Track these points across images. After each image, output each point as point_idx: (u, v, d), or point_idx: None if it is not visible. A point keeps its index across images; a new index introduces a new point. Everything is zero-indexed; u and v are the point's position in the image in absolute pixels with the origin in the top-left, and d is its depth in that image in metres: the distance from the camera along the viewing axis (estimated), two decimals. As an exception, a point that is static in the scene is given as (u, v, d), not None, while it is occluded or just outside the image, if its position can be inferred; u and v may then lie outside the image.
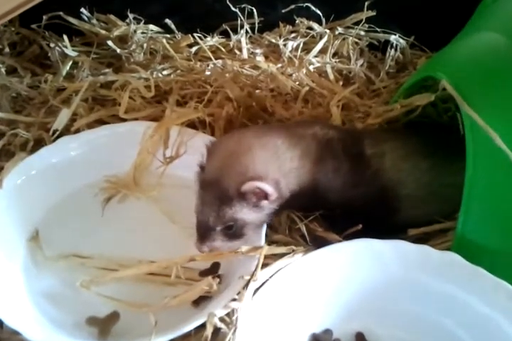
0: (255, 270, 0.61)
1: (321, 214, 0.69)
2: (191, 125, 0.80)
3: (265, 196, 0.61)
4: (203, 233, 0.63)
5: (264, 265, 0.62)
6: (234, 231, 0.63)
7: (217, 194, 0.61)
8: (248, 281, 0.60)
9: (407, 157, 0.68)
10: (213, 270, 0.68)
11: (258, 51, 0.98)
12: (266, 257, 0.62)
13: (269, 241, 0.67)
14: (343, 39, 0.99)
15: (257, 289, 0.60)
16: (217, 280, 0.63)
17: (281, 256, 0.64)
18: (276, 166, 0.62)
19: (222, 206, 0.61)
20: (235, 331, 0.56)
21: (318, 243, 0.66)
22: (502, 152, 0.56)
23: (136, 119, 0.81)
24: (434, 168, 0.68)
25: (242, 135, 0.66)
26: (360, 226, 0.65)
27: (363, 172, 0.66)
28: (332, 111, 0.80)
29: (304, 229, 0.68)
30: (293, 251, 0.64)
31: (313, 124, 0.69)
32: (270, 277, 0.61)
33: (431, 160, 0.68)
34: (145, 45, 0.97)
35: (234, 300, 0.59)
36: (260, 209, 0.62)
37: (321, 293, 0.63)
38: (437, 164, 0.68)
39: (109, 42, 0.96)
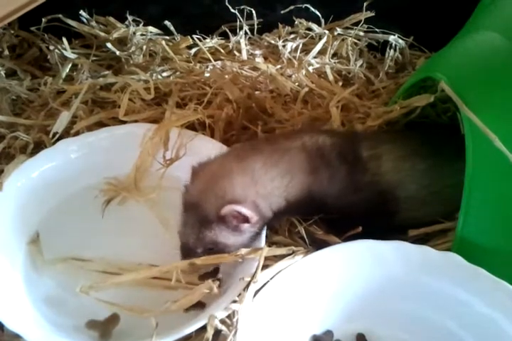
0: (256, 271, 0.60)
1: (320, 218, 0.69)
2: (191, 127, 0.80)
3: (245, 219, 0.61)
4: (185, 254, 0.63)
5: (265, 266, 0.62)
6: (215, 252, 0.62)
7: (198, 217, 0.62)
8: (249, 283, 0.60)
9: (406, 158, 0.68)
10: (213, 273, 0.68)
11: (257, 52, 0.99)
12: (266, 258, 0.62)
13: (269, 243, 0.67)
14: (342, 40, 0.99)
15: (258, 291, 0.60)
16: (218, 283, 0.63)
17: (282, 257, 0.63)
18: (254, 189, 0.62)
19: (202, 229, 0.62)
20: (235, 333, 0.55)
21: (318, 245, 0.65)
22: (501, 153, 0.56)
23: (135, 121, 0.81)
24: (434, 169, 0.68)
25: (224, 158, 0.66)
26: (360, 228, 0.65)
27: (361, 176, 0.65)
28: (332, 112, 0.81)
29: (303, 231, 0.68)
30: (293, 252, 0.64)
31: (300, 134, 0.68)
32: (271, 278, 0.61)
33: (430, 161, 0.68)
34: (144, 47, 0.98)
35: (235, 301, 0.59)
36: (241, 233, 0.63)
37: (321, 294, 0.63)
38: (437, 164, 0.68)
39: (109, 45, 0.96)
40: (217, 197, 0.61)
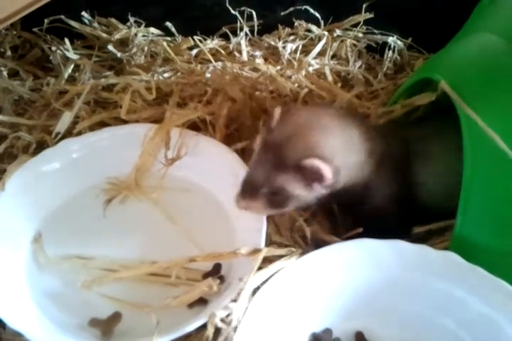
0: (255, 270, 0.61)
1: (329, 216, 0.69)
2: (193, 125, 0.80)
3: (319, 179, 0.59)
4: (247, 190, 0.62)
5: (265, 265, 0.63)
6: (276, 199, 0.61)
7: (276, 158, 0.60)
8: (248, 281, 0.60)
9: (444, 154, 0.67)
10: (215, 271, 0.68)
11: (257, 53, 0.99)
12: (266, 258, 0.63)
13: (269, 241, 0.68)
14: (342, 41, 1.00)
15: (258, 289, 0.60)
16: (218, 281, 0.63)
17: (281, 257, 0.64)
18: (343, 155, 0.61)
19: (276, 171, 0.60)
20: (235, 331, 0.56)
21: (317, 244, 0.66)
22: (500, 152, 0.57)
23: (137, 121, 0.82)
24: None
25: (323, 112, 0.65)
26: (361, 229, 0.66)
27: (408, 175, 0.66)
28: None
29: (306, 229, 0.68)
30: (292, 252, 0.64)
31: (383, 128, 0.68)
32: (270, 277, 0.61)
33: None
34: (146, 48, 0.98)
35: (234, 300, 0.59)
36: (309, 190, 0.61)
37: (320, 293, 0.63)
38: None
39: (110, 47, 0.97)
40: (307, 146, 0.59)
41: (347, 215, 0.73)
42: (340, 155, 0.61)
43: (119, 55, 0.96)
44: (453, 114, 0.62)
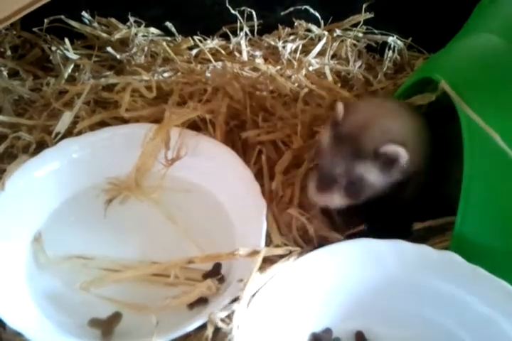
0: (254, 271, 0.61)
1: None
2: (193, 125, 0.80)
3: (397, 162, 0.61)
4: (325, 184, 0.63)
5: (265, 264, 0.63)
6: (352, 190, 0.63)
7: (352, 149, 0.62)
8: (248, 281, 0.60)
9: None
10: (215, 271, 0.68)
11: (257, 53, 0.99)
12: (266, 257, 0.63)
13: (269, 240, 0.68)
14: (342, 41, 1.00)
15: (257, 289, 0.60)
16: (217, 282, 0.63)
17: (282, 256, 0.64)
18: (413, 142, 0.63)
19: (354, 161, 0.62)
20: (235, 331, 0.56)
21: (320, 241, 0.66)
22: (500, 151, 0.57)
23: (137, 120, 0.81)
24: None
25: (387, 102, 0.70)
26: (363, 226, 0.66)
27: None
28: None
29: (308, 227, 0.68)
30: (290, 252, 0.64)
31: None
32: (269, 277, 0.61)
33: None
34: (146, 48, 0.98)
35: (234, 300, 0.60)
36: (387, 175, 0.63)
37: (320, 293, 0.63)
38: None
39: (109, 49, 0.97)
40: (382, 133, 0.62)
41: (349, 214, 0.72)
42: (410, 141, 0.63)
43: (118, 56, 0.97)
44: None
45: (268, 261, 0.64)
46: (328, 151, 0.64)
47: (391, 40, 0.99)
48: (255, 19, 1.00)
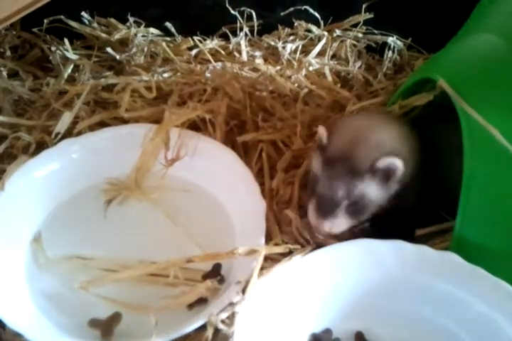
0: (254, 271, 0.61)
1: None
2: (193, 125, 0.80)
3: (394, 173, 0.61)
4: (326, 209, 0.62)
5: (266, 264, 0.63)
6: (355, 210, 0.62)
7: (347, 169, 0.61)
8: (247, 281, 0.60)
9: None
10: (215, 271, 0.68)
11: (257, 54, 0.99)
12: (266, 256, 0.63)
13: (270, 239, 0.68)
14: (341, 41, 1.00)
15: (257, 289, 0.60)
16: (216, 283, 0.63)
17: (281, 255, 0.64)
18: (405, 151, 0.63)
19: (352, 181, 0.61)
20: (235, 332, 0.56)
21: (319, 241, 0.66)
22: (500, 151, 0.57)
23: (136, 120, 0.82)
24: None
25: (370, 115, 0.69)
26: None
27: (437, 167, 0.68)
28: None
29: (308, 227, 0.68)
30: (290, 252, 0.64)
31: None
32: (269, 277, 0.61)
33: None
34: (145, 48, 0.98)
35: (234, 300, 0.59)
36: (386, 188, 0.62)
37: (320, 293, 0.63)
38: None
39: (109, 49, 0.97)
40: (375, 147, 0.61)
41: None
42: (403, 150, 0.63)
43: (118, 57, 0.97)
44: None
45: (269, 261, 0.64)
46: (323, 176, 0.63)
47: (391, 40, 0.99)
48: (255, 19, 1.00)
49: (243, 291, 0.60)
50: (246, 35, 1.01)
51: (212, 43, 1.01)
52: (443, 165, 0.68)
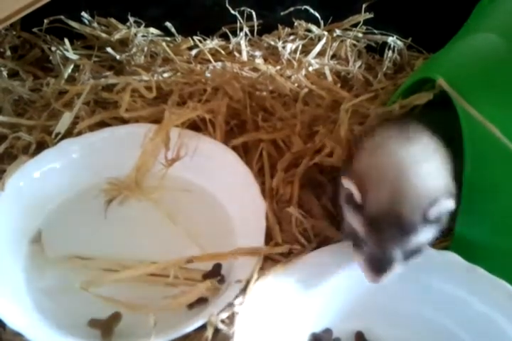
0: (254, 270, 0.61)
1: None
2: (193, 125, 0.80)
3: (447, 214, 0.57)
4: (382, 267, 0.57)
5: (266, 263, 0.63)
6: (411, 256, 0.58)
7: (397, 227, 0.54)
8: (247, 281, 0.60)
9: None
10: (215, 271, 0.68)
11: (257, 53, 0.99)
12: (267, 256, 0.63)
13: (270, 239, 0.68)
14: (341, 41, 1.00)
15: (257, 289, 0.60)
16: (216, 283, 0.63)
17: (282, 255, 0.64)
18: (451, 178, 0.58)
19: (406, 237, 0.55)
20: (235, 332, 0.56)
21: (319, 241, 0.66)
22: (501, 150, 0.57)
23: (137, 120, 0.82)
24: None
25: (397, 143, 0.58)
26: None
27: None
28: (341, 114, 0.79)
29: (308, 226, 0.68)
30: (290, 252, 0.64)
31: None
32: (269, 277, 0.61)
33: None
34: (146, 48, 0.98)
35: (234, 300, 0.60)
36: (439, 226, 0.58)
37: (320, 292, 0.63)
38: None
39: (109, 49, 0.97)
40: (424, 195, 0.55)
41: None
42: (449, 184, 0.58)
43: (118, 56, 0.97)
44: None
45: (269, 261, 0.64)
46: (371, 239, 0.56)
47: (391, 40, 0.99)
48: (255, 19, 1.00)
49: (243, 291, 0.60)
50: (246, 35, 1.01)
51: (212, 43, 1.01)
52: None
